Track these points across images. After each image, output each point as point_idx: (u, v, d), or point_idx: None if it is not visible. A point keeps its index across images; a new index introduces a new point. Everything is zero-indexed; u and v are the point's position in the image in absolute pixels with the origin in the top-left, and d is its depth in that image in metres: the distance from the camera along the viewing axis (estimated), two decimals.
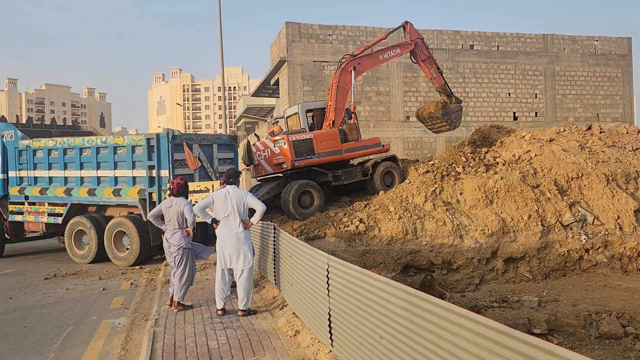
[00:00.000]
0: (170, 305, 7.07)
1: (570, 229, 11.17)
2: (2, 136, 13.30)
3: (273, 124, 13.48)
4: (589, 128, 15.00)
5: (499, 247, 10.65)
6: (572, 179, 12.08)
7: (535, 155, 12.88)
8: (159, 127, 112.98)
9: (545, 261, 10.81)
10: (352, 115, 12.46)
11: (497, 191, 11.37)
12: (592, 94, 27.14)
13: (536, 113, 26.25)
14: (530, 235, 10.82)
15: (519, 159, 12.90)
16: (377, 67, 23.87)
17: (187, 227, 7.04)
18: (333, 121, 12.16)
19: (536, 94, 26.26)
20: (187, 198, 7.21)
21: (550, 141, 13.81)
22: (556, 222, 11.09)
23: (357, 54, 12.98)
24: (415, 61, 13.98)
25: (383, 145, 12.92)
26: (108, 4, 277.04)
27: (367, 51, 13.30)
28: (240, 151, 12.51)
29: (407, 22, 13.81)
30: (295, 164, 11.40)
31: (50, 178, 12.47)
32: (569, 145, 13.59)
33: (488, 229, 10.69)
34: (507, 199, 11.32)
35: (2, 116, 17.69)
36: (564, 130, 14.80)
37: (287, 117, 13.17)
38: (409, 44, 13.69)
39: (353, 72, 12.57)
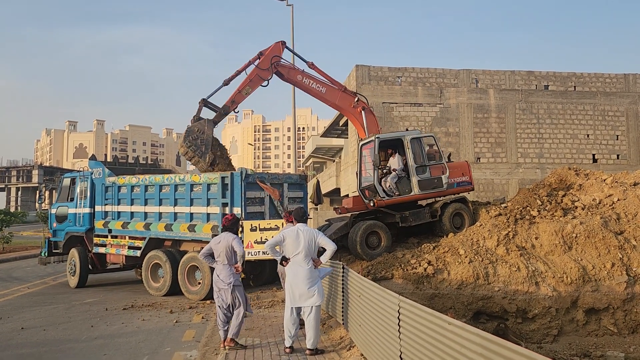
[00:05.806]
0: (225, 347, 7.01)
1: None
2: (92, 173, 14.37)
3: None
4: None
5: (579, 297, 10.03)
6: None
7: (618, 200, 12.15)
8: None
9: (632, 314, 10.03)
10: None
11: (576, 237, 10.79)
12: None
13: (618, 155, 24.87)
14: (614, 285, 10.11)
15: (599, 203, 12.22)
16: (447, 109, 23.76)
17: (235, 262, 7.07)
18: None
19: (617, 136, 24.95)
20: (236, 234, 7.31)
21: (634, 185, 12.99)
22: None
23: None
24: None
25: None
26: (192, 51, 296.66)
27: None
28: (310, 190, 12.74)
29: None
30: None
31: (132, 213, 13.20)
32: None
33: (567, 277, 10.12)
34: (587, 246, 10.71)
35: (93, 155, 19.14)
36: None
37: None
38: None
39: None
